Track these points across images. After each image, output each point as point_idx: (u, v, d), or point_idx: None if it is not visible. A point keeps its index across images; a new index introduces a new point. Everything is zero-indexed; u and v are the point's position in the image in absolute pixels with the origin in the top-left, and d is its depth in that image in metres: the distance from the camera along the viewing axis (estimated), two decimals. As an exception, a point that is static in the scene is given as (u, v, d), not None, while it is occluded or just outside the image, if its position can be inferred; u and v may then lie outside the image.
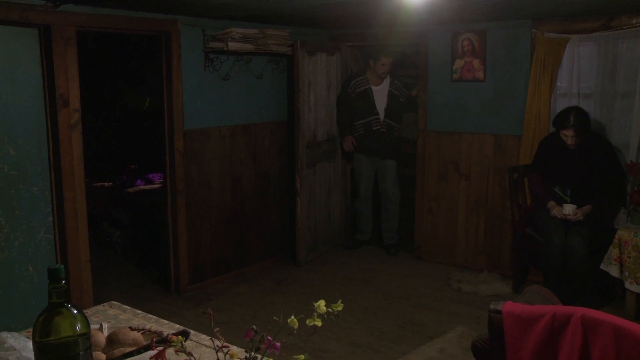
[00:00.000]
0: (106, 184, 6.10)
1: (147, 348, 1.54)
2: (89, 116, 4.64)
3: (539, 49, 4.40)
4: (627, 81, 4.17)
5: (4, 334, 1.51)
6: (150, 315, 1.96)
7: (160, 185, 5.87)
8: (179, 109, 4.31)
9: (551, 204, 4.11)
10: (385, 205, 5.47)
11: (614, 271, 3.80)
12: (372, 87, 5.20)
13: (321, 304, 1.23)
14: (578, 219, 3.98)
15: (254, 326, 1.26)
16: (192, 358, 1.25)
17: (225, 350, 1.27)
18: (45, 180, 3.64)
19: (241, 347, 1.52)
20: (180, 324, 1.94)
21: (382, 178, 5.40)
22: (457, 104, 4.95)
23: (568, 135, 3.95)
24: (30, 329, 1.38)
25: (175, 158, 4.34)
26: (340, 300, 1.28)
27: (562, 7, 3.86)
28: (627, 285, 3.75)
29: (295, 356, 1.25)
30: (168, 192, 4.44)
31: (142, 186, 6.03)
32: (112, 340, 1.61)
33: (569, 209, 4.01)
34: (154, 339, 1.53)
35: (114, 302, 2.10)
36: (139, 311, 2.00)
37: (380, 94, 5.20)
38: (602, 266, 3.85)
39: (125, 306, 2.05)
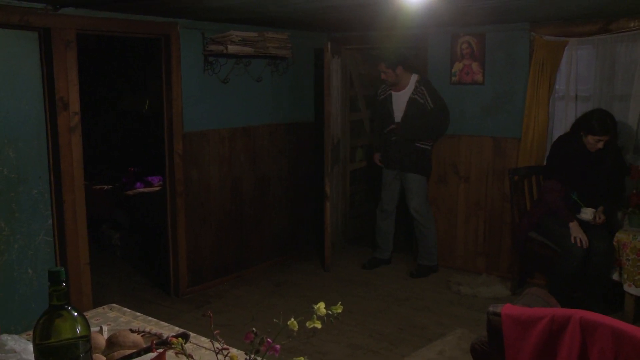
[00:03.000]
0: (106, 187, 6.10)
1: (147, 350, 1.54)
2: (88, 119, 4.65)
3: (538, 52, 4.41)
4: (625, 84, 4.18)
5: (4, 337, 1.51)
6: (150, 318, 1.96)
7: (159, 187, 5.88)
8: (178, 112, 4.31)
9: (574, 225, 3.86)
10: (413, 223, 5.02)
11: (613, 274, 3.80)
12: (393, 93, 4.85)
13: (321, 306, 1.23)
14: (603, 221, 3.89)
15: (254, 328, 1.26)
16: (192, 360, 1.26)
17: (225, 352, 1.28)
18: (45, 183, 3.64)
19: (241, 350, 1.53)
20: (180, 326, 1.94)
21: (406, 193, 4.97)
22: (456, 107, 4.95)
23: (601, 140, 3.80)
24: (31, 332, 1.39)
25: (174, 161, 4.35)
26: (340, 303, 1.28)
27: (560, 11, 3.87)
28: (625, 287, 3.75)
29: (294, 359, 1.25)
30: (167, 195, 4.44)
31: (141, 189, 6.03)
32: (112, 343, 1.61)
33: (590, 212, 3.90)
34: (154, 341, 1.54)
35: (113, 304, 2.10)
36: (138, 314, 2.00)
37: (400, 101, 4.82)
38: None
39: (125, 309, 2.05)
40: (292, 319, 1.23)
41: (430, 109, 4.75)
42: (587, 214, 3.93)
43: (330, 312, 1.24)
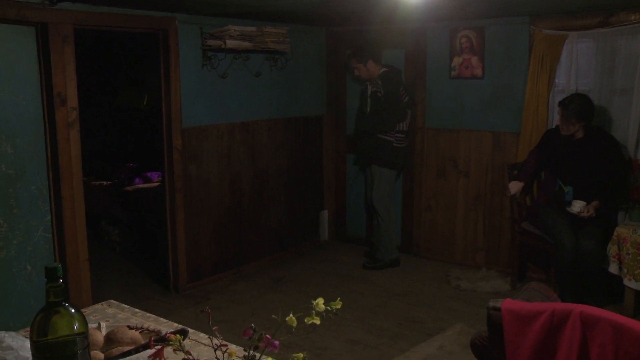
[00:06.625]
0: (104, 183, 6.09)
1: (145, 347, 1.53)
2: (86, 114, 4.62)
3: (537, 45, 4.39)
4: (626, 78, 4.17)
5: (2, 334, 1.50)
6: (148, 314, 1.95)
7: (158, 183, 5.86)
8: (177, 107, 4.30)
9: (512, 183, 4.33)
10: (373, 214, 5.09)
11: (613, 268, 3.79)
12: (368, 86, 4.88)
13: (320, 302, 1.22)
14: (591, 216, 3.85)
15: (253, 324, 1.26)
16: (191, 357, 1.25)
17: (223, 348, 1.27)
18: (43, 179, 3.63)
19: (240, 346, 1.52)
20: (179, 322, 1.93)
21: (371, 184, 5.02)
22: (455, 101, 4.94)
23: (559, 115, 4.01)
24: (29, 328, 1.38)
25: (173, 156, 4.34)
26: (339, 298, 1.28)
27: (560, 4, 3.85)
28: (625, 282, 3.75)
29: (294, 355, 1.24)
30: (166, 191, 4.43)
31: (140, 184, 6.02)
32: (110, 339, 1.61)
33: (579, 206, 3.86)
34: (152, 338, 1.53)
35: (112, 300, 2.10)
36: (137, 310, 1.99)
37: (366, 96, 4.89)
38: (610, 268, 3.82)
39: (123, 305, 2.04)
40: (291, 315, 1.22)
41: (382, 100, 4.72)
42: (575, 206, 3.89)
43: (329, 308, 1.23)
